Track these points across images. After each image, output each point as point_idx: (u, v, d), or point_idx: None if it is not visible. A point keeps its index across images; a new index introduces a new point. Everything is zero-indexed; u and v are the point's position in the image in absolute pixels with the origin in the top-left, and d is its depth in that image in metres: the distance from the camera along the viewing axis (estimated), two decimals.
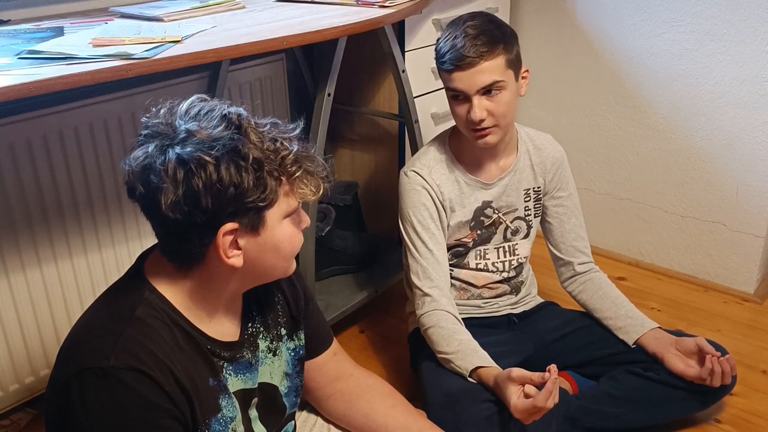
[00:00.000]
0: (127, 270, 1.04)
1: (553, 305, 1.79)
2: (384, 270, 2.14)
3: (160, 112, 0.96)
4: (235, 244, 0.96)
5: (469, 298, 1.72)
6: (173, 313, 0.99)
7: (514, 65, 1.49)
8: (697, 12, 2.06)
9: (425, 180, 1.59)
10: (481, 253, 1.69)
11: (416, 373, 1.67)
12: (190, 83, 1.87)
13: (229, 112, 0.95)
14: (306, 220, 1.04)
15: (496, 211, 1.66)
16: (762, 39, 1.97)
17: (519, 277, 1.74)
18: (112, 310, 0.98)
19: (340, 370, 1.31)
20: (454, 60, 1.45)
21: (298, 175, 0.96)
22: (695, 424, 1.66)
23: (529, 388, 1.32)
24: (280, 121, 0.99)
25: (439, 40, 1.52)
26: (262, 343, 1.13)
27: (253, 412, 1.12)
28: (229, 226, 0.93)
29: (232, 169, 0.90)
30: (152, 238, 1.00)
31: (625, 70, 2.26)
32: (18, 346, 1.65)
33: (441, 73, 1.52)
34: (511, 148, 1.65)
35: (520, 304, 1.76)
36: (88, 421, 0.90)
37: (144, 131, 0.95)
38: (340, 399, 1.30)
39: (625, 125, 2.32)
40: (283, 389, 1.18)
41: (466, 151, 1.62)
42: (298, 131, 0.99)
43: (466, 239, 1.67)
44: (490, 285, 1.71)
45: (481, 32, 1.45)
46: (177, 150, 0.90)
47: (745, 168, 2.11)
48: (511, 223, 1.69)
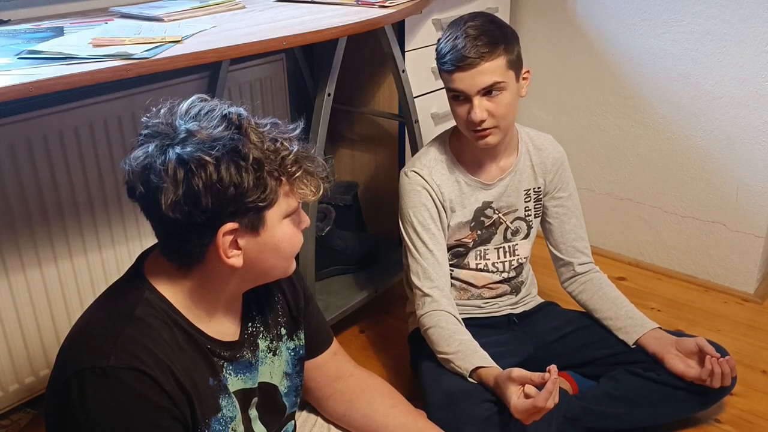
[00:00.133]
0: (127, 270, 1.04)
1: (553, 305, 1.79)
2: (384, 270, 2.14)
3: (161, 112, 0.96)
4: (235, 244, 0.96)
5: (469, 299, 1.72)
6: (173, 312, 0.99)
7: (514, 66, 1.49)
8: (697, 12, 2.06)
9: (425, 180, 1.59)
10: (481, 254, 1.69)
11: (416, 373, 1.67)
12: (190, 83, 1.87)
13: (230, 112, 0.95)
14: (306, 220, 1.04)
15: (497, 212, 1.66)
16: (762, 39, 1.97)
17: (519, 278, 1.74)
18: (111, 310, 0.98)
19: (340, 370, 1.31)
20: (455, 60, 1.45)
21: (298, 175, 0.96)
22: (695, 424, 1.66)
23: (529, 388, 1.32)
24: (280, 122, 0.99)
25: (439, 40, 1.52)
26: (262, 343, 1.13)
27: (253, 412, 1.12)
28: (229, 226, 0.93)
29: (232, 169, 0.90)
30: (152, 238, 1.00)
31: (625, 70, 2.26)
32: (18, 346, 1.65)
33: (442, 73, 1.52)
34: (511, 148, 1.65)
35: (520, 304, 1.76)
36: (88, 421, 0.90)
37: (144, 131, 0.95)
38: (340, 399, 1.30)
39: (625, 125, 2.32)
40: (283, 389, 1.18)
41: (467, 151, 1.62)
42: (298, 131, 0.99)
43: (466, 239, 1.67)
44: (490, 285, 1.71)
45: (482, 33, 1.45)
46: (177, 150, 0.90)
47: (745, 168, 2.11)
48: (512, 224, 1.69)
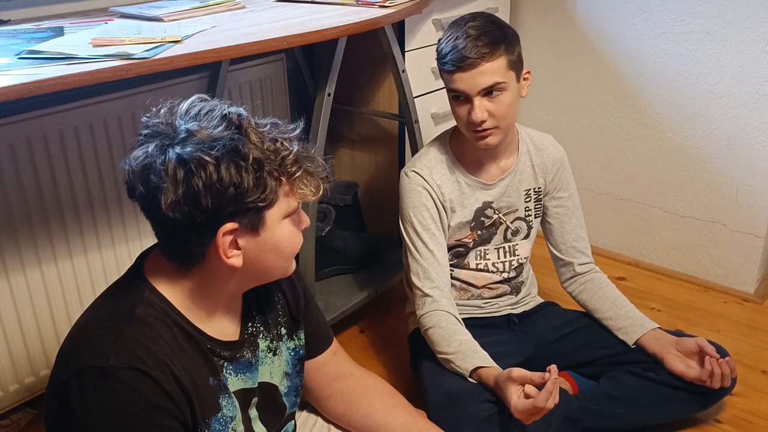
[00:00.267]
0: (127, 270, 1.04)
1: (553, 305, 1.79)
2: (384, 270, 2.14)
3: (161, 112, 0.96)
4: (235, 244, 0.96)
5: (469, 299, 1.72)
6: (173, 312, 0.99)
7: (515, 66, 1.49)
8: (697, 12, 2.06)
9: (426, 180, 1.59)
10: (482, 254, 1.69)
11: (416, 373, 1.67)
12: (190, 83, 1.87)
13: (230, 112, 0.95)
14: (306, 220, 1.04)
15: (497, 212, 1.66)
16: (762, 39, 1.97)
17: (519, 278, 1.74)
18: (111, 310, 0.98)
19: (340, 370, 1.31)
20: (456, 61, 1.45)
21: (298, 175, 0.96)
22: (695, 424, 1.66)
23: (529, 388, 1.32)
24: (280, 122, 0.99)
25: (440, 40, 1.52)
26: (262, 343, 1.13)
27: (253, 412, 1.12)
28: (229, 226, 0.93)
29: (232, 169, 0.90)
30: (152, 238, 1.00)
31: (625, 70, 2.26)
32: (18, 346, 1.65)
33: (442, 73, 1.52)
34: (511, 148, 1.65)
35: (521, 304, 1.76)
36: (88, 421, 0.90)
37: (144, 131, 0.95)
38: (340, 399, 1.30)
39: (625, 125, 2.32)
40: (283, 389, 1.18)
41: (467, 151, 1.62)
42: (298, 131, 0.99)
43: (466, 239, 1.66)
44: (491, 285, 1.71)
45: (483, 33, 1.45)
46: (177, 150, 0.90)
47: (745, 168, 2.11)
48: (512, 224, 1.69)
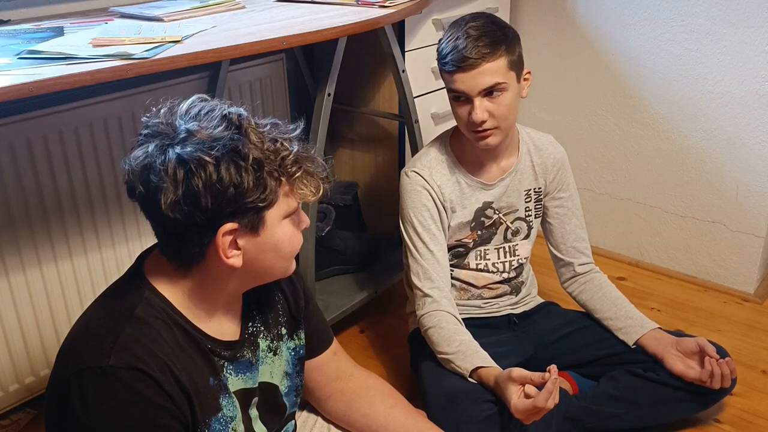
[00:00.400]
0: (127, 270, 1.04)
1: (553, 305, 1.79)
2: (384, 270, 2.14)
3: (161, 112, 0.96)
4: (235, 244, 0.96)
5: (469, 299, 1.72)
6: (173, 312, 0.99)
7: (516, 67, 1.49)
8: (697, 12, 2.06)
9: (426, 180, 1.59)
10: (482, 254, 1.69)
11: (416, 373, 1.66)
12: (190, 83, 1.87)
13: (230, 112, 0.95)
14: (305, 220, 1.04)
15: (497, 212, 1.66)
16: (762, 39, 1.97)
17: (519, 278, 1.74)
18: (111, 310, 0.98)
19: (340, 370, 1.31)
20: (456, 61, 1.45)
21: (298, 175, 0.96)
22: (695, 424, 1.66)
23: (529, 388, 1.32)
24: (281, 122, 0.99)
25: (440, 40, 1.52)
26: (263, 343, 1.13)
27: (254, 412, 1.12)
28: (229, 226, 0.93)
29: (232, 169, 0.90)
30: (152, 238, 1.00)
31: (625, 70, 2.26)
32: (18, 346, 1.65)
33: (443, 74, 1.52)
34: (512, 148, 1.65)
35: (521, 304, 1.76)
36: (89, 421, 0.90)
37: (144, 131, 0.95)
38: (340, 399, 1.30)
39: (625, 125, 2.32)
40: (283, 389, 1.18)
41: (467, 151, 1.62)
42: (298, 131, 0.99)
43: (466, 240, 1.66)
44: (491, 285, 1.71)
45: (483, 33, 1.45)
46: (177, 150, 0.90)
47: (745, 168, 2.11)
48: (512, 224, 1.69)
